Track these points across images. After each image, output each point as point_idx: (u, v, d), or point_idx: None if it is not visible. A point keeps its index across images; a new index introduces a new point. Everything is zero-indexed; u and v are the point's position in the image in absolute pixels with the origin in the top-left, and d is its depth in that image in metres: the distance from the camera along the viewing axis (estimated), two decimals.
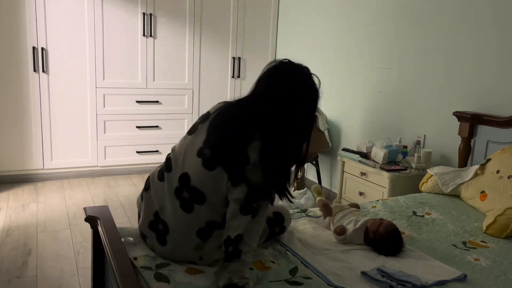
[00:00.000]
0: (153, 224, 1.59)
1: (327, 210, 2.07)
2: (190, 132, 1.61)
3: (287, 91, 1.48)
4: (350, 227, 1.90)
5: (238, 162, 1.44)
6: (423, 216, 2.27)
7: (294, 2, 4.54)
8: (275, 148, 1.45)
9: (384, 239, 1.80)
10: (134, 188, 4.07)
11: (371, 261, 1.72)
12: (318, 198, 2.16)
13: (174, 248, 1.56)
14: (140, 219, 1.66)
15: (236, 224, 1.42)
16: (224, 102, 1.62)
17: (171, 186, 1.56)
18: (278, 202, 2.21)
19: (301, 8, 4.44)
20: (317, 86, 1.54)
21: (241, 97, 1.58)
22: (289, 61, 1.55)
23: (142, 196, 1.67)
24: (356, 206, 2.18)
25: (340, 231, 1.89)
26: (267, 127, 1.46)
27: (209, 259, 1.56)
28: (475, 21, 2.80)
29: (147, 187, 1.66)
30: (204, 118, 1.60)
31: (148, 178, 1.68)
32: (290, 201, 1.60)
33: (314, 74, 1.55)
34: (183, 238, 1.53)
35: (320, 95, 1.55)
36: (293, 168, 1.58)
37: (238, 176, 1.43)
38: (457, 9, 2.91)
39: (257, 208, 1.44)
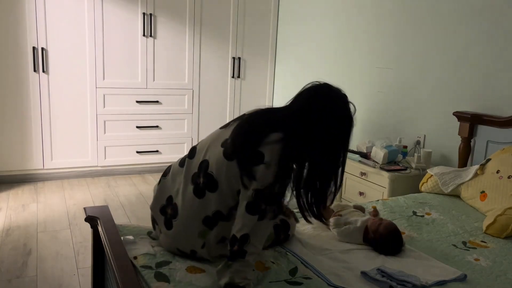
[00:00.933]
0: (164, 209, 1.66)
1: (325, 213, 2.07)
2: (222, 127, 1.70)
3: (323, 112, 1.55)
4: (350, 227, 1.90)
5: (253, 161, 1.48)
6: (423, 216, 2.27)
7: (294, 2, 4.54)
8: (306, 163, 1.54)
9: (384, 238, 1.81)
10: (134, 188, 4.07)
11: (371, 261, 1.71)
12: None
13: (179, 232, 1.59)
14: (153, 202, 1.73)
15: (242, 223, 1.43)
16: (264, 107, 1.70)
17: (189, 172, 1.63)
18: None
19: (301, 8, 4.44)
20: (352, 114, 1.61)
21: (278, 107, 1.66)
22: (328, 84, 1.63)
23: (159, 182, 1.75)
24: (361, 209, 2.18)
25: (335, 215, 2.01)
26: (300, 141, 1.52)
27: (211, 250, 1.58)
28: (475, 20, 2.80)
29: (165, 174, 1.74)
30: (238, 117, 1.68)
31: (170, 166, 1.76)
32: (324, 223, 1.84)
33: (351, 102, 1.62)
34: (189, 223, 1.57)
35: (354, 122, 1.61)
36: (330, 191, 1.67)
37: (250, 175, 1.46)
38: (457, 8, 2.91)
39: (265, 210, 1.45)
